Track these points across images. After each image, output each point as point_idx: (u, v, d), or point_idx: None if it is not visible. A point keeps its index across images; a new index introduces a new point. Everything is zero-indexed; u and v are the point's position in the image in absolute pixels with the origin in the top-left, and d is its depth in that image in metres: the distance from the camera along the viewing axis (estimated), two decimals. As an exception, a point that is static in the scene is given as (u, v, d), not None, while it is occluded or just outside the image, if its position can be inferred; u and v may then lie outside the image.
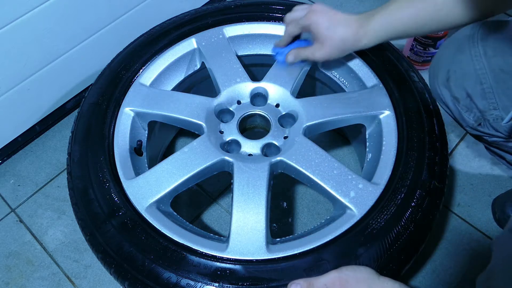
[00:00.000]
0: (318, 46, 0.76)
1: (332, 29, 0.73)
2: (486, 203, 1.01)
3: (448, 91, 0.75)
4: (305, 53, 0.78)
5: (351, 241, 0.68)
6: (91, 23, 1.06)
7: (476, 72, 0.71)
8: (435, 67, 0.78)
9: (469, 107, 0.74)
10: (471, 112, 0.75)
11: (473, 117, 0.75)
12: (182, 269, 0.66)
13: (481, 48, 0.72)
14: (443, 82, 0.76)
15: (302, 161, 0.76)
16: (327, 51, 0.75)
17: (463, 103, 0.74)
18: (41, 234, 1.02)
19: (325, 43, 0.74)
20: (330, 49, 0.75)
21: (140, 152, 0.85)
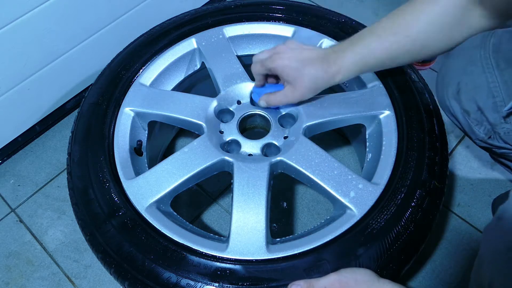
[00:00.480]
0: (289, 89, 0.75)
1: (301, 70, 0.71)
2: (486, 203, 1.01)
3: (458, 104, 0.73)
4: (277, 98, 0.77)
5: (351, 241, 0.68)
6: (91, 23, 1.06)
7: (488, 85, 0.69)
8: (444, 78, 0.76)
9: (480, 120, 0.72)
10: (481, 126, 0.73)
11: (483, 130, 0.73)
12: (182, 269, 0.66)
13: (493, 60, 0.70)
14: (453, 95, 0.74)
15: (302, 161, 0.76)
16: (299, 93, 0.74)
17: (473, 116, 0.72)
18: (41, 234, 1.02)
19: (296, 85, 0.73)
20: (302, 90, 0.74)
21: (140, 152, 0.85)
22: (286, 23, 0.94)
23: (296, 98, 0.75)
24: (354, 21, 0.94)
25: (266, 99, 0.79)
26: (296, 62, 0.71)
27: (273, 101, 0.78)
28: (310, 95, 0.75)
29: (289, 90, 0.75)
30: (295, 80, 0.72)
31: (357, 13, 1.36)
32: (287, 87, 0.75)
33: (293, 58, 0.71)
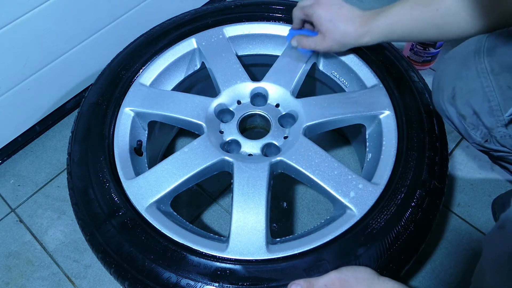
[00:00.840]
0: (320, 37, 0.79)
1: (335, 23, 0.75)
2: (486, 203, 1.01)
3: (454, 108, 0.74)
4: (308, 43, 0.81)
5: (351, 241, 0.68)
6: (91, 23, 1.06)
7: (483, 90, 0.69)
8: (439, 82, 0.76)
9: (476, 124, 0.72)
10: (477, 130, 0.73)
11: (480, 134, 0.73)
12: (182, 269, 0.66)
13: (488, 64, 0.70)
14: (449, 99, 0.74)
15: (302, 161, 0.76)
16: (328, 43, 0.78)
17: (469, 121, 0.73)
18: (41, 234, 1.02)
19: (327, 36, 0.77)
20: (331, 42, 0.78)
21: (140, 152, 0.85)
22: (286, 23, 0.94)
23: (324, 47, 0.79)
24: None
25: (298, 40, 0.82)
26: (332, 15, 0.75)
27: (303, 43, 0.82)
28: (337, 49, 0.80)
29: (320, 38, 0.79)
30: (327, 31, 0.77)
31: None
32: (319, 36, 0.79)
33: (330, 11, 0.75)
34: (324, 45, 0.79)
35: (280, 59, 0.89)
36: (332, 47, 0.79)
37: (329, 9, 0.76)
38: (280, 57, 0.90)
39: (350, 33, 0.76)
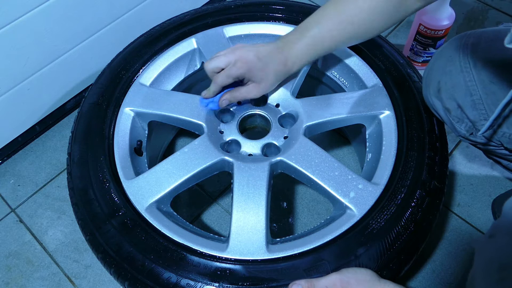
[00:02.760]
0: (253, 85, 0.77)
1: (265, 68, 0.74)
2: (486, 203, 1.01)
3: (439, 102, 0.76)
4: (242, 95, 0.78)
5: (351, 241, 0.68)
6: (91, 23, 1.06)
7: (466, 84, 0.72)
8: (427, 77, 0.79)
9: (461, 117, 0.75)
10: (462, 123, 0.75)
11: (465, 127, 0.76)
12: (182, 269, 0.66)
13: (471, 59, 0.72)
14: (435, 93, 0.76)
15: (302, 161, 0.76)
16: (263, 89, 0.77)
17: (454, 114, 0.75)
18: (41, 234, 1.02)
19: (261, 83, 0.76)
20: (266, 86, 0.77)
21: (140, 152, 0.85)
22: (286, 23, 0.94)
23: (260, 93, 0.78)
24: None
25: (230, 97, 0.79)
26: (260, 62, 0.73)
27: (237, 97, 0.79)
28: (272, 89, 0.80)
29: (253, 87, 0.77)
30: (261, 79, 0.75)
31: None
32: (252, 85, 0.77)
33: (256, 60, 0.73)
34: (260, 91, 0.77)
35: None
36: (268, 90, 0.79)
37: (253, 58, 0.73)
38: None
39: (281, 69, 0.75)
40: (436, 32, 1.12)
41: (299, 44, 0.73)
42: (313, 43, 0.73)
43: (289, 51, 0.74)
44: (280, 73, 0.76)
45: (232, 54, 0.74)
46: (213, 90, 0.79)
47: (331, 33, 0.72)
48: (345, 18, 0.70)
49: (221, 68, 0.75)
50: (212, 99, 0.81)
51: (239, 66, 0.73)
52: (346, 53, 0.89)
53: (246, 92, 0.77)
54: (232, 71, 0.74)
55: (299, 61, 0.75)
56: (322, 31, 0.72)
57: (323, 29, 0.72)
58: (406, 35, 1.30)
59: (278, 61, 0.74)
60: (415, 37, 1.17)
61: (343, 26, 0.71)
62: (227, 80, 0.76)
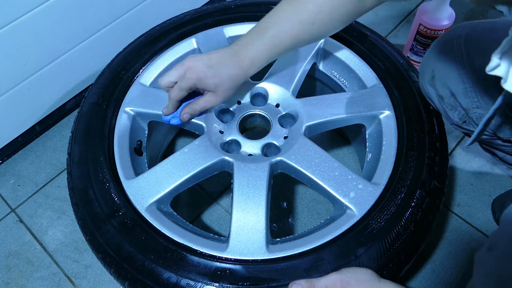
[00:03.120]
0: (210, 94, 0.74)
1: (219, 75, 0.71)
2: (486, 203, 1.01)
3: (433, 89, 0.77)
4: (200, 106, 0.76)
5: (351, 241, 0.68)
6: (91, 23, 1.06)
7: (458, 72, 0.72)
8: (423, 65, 0.80)
9: (454, 105, 0.75)
10: (455, 110, 0.76)
11: (458, 115, 0.76)
12: (182, 269, 0.66)
13: (464, 48, 0.73)
14: (429, 81, 0.77)
15: (302, 161, 0.76)
16: (221, 96, 0.74)
17: (447, 101, 0.75)
18: (41, 234, 1.02)
19: (217, 90, 0.73)
20: (224, 92, 0.74)
21: (140, 152, 0.85)
22: (286, 23, 0.94)
23: (219, 101, 0.75)
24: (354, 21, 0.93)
25: (191, 110, 0.76)
26: (211, 69, 0.70)
27: (198, 108, 0.76)
28: (232, 94, 0.76)
29: (211, 96, 0.74)
30: (216, 86, 0.72)
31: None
32: (208, 94, 0.74)
33: (205, 68, 0.70)
34: (218, 99, 0.74)
35: (280, 59, 0.89)
36: (227, 95, 0.75)
37: (203, 66, 0.70)
38: (280, 57, 0.90)
39: (237, 73, 0.72)
40: (436, 32, 1.12)
41: (257, 45, 0.70)
42: (272, 43, 0.70)
43: (246, 53, 0.71)
44: (237, 77, 0.72)
45: (181, 66, 0.72)
46: (171, 106, 0.77)
47: (291, 32, 0.69)
48: (305, 18, 0.68)
49: (174, 83, 0.73)
50: (174, 115, 0.78)
51: (188, 77, 0.71)
52: (346, 53, 0.89)
53: (204, 103, 0.75)
54: (183, 83, 0.72)
55: (258, 62, 0.72)
56: (281, 31, 0.69)
57: (282, 29, 0.69)
58: (406, 35, 1.30)
59: (232, 65, 0.71)
60: (415, 37, 1.17)
61: (303, 26, 0.69)
62: (181, 94, 0.73)
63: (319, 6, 0.67)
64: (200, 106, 0.76)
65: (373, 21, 1.35)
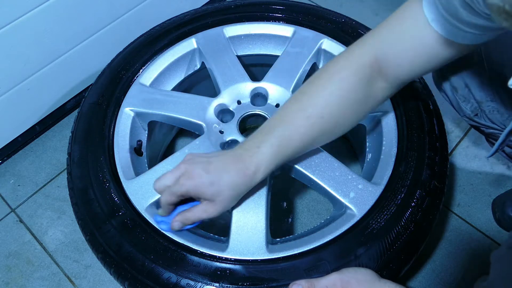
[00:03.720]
0: (208, 204, 0.63)
1: (217, 182, 0.60)
2: (486, 203, 1.01)
3: (447, 81, 0.76)
4: (195, 216, 0.64)
5: (351, 241, 0.68)
6: (91, 23, 1.06)
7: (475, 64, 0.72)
8: None
9: (467, 97, 0.74)
10: (468, 102, 0.75)
11: (470, 108, 0.75)
12: (182, 269, 0.66)
13: None
14: (443, 72, 0.77)
15: (302, 161, 0.76)
16: (220, 206, 0.63)
17: (461, 93, 0.75)
18: (41, 234, 1.02)
19: (215, 200, 0.62)
20: (223, 202, 0.62)
21: (140, 152, 0.85)
22: (286, 23, 0.94)
23: (218, 211, 0.63)
24: (354, 21, 0.94)
25: (183, 219, 0.65)
26: (209, 176, 0.60)
27: (191, 218, 0.64)
28: (233, 204, 0.65)
29: (209, 205, 0.63)
30: (213, 195, 0.61)
31: (357, 13, 1.36)
32: (205, 202, 0.63)
33: (203, 173, 0.60)
34: (217, 209, 0.63)
35: (280, 59, 0.89)
36: (226, 207, 0.64)
37: (200, 172, 0.60)
38: (280, 57, 0.90)
39: (240, 181, 0.61)
40: None
41: (263, 148, 0.61)
42: (279, 144, 0.61)
43: (251, 158, 0.61)
44: (239, 186, 0.62)
45: (177, 170, 0.62)
46: (162, 210, 0.67)
47: (299, 130, 0.62)
48: (312, 113, 0.61)
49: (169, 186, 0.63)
50: (165, 219, 0.69)
51: (182, 183, 0.61)
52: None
53: (200, 212, 0.63)
54: (175, 188, 0.61)
55: (264, 168, 0.62)
56: (288, 130, 0.62)
57: (289, 127, 0.62)
58: (406, 35, 1.30)
59: (234, 171, 0.61)
60: None
61: (311, 121, 0.61)
62: (171, 199, 0.63)
63: (326, 99, 0.61)
64: (195, 216, 0.64)
65: (373, 21, 1.35)
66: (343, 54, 0.63)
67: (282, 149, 0.62)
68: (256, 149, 0.62)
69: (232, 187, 0.62)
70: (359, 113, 0.64)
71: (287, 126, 0.62)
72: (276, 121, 0.63)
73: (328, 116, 0.62)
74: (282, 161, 0.63)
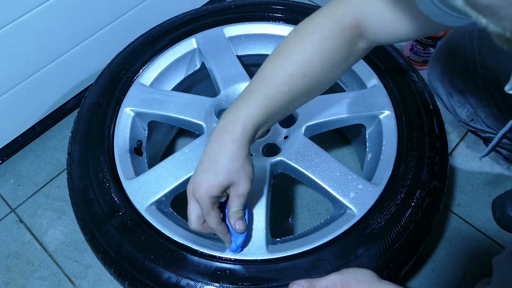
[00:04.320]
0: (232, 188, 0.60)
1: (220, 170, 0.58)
2: (486, 203, 1.01)
3: (442, 86, 0.76)
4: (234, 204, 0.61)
5: (351, 241, 0.68)
6: (91, 23, 1.06)
7: (469, 69, 0.72)
8: (433, 61, 0.79)
9: (462, 102, 0.74)
10: (464, 108, 0.75)
11: (466, 113, 0.75)
12: (182, 269, 0.66)
13: (477, 45, 0.72)
14: (439, 77, 0.77)
15: (302, 161, 0.76)
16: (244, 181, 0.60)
17: (456, 98, 0.75)
18: (41, 234, 1.02)
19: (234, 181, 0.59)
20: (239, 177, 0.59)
21: (140, 152, 0.85)
22: (286, 23, 0.94)
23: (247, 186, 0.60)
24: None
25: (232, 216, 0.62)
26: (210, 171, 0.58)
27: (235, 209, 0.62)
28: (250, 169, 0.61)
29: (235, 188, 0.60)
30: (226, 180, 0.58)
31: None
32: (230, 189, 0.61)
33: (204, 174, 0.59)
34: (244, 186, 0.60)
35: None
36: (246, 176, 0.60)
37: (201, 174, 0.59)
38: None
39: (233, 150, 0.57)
40: None
41: (244, 109, 0.58)
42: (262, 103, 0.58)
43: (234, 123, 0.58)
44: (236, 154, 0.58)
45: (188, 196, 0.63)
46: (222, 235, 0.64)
47: (282, 88, 0.59)
48: (295, 71, 0.59)
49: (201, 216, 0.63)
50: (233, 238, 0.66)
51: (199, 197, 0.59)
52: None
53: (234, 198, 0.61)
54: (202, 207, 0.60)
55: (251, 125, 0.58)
56: (270, 89, 0.59)
57: (271, 87, 0.59)
58: (406, 35, 1.30)
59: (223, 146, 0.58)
60: None
61: (294, 80, 0.59)
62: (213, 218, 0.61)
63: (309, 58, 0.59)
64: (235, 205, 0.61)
65: (373, 21, 1.35)
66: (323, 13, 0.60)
67: (266, 108, 0.59)
68: (237, 112, 0.58)
69: (232, 160, 0.58)
70: (340, 72, 0.63)
71: (269, 86, 0.59)
72: (257, 83, 0.60)
73: (311, 74, 0.59)
74: (267, 120, 0.60)
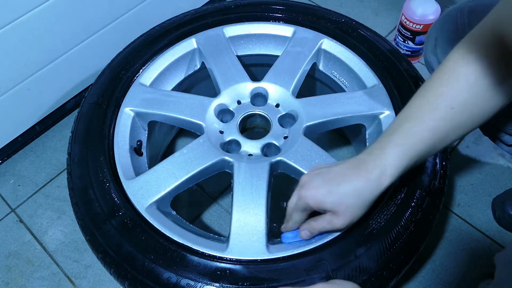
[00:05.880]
0: (332, 215, 0.61)
1: (336, 192, 0.58)
2: (486, 203, 1.01)
3: (435, 57, 0.78)
4: (320, 225, 0.63)
5: (351, 241, 0.68)
6: (91, 23, 1.06)
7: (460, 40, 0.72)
8: (427, 35, 0.82)
9: None
10: None
11: None
12: (182, 269, 0.66)
13: (467, 18, 0.74)
14: (431, 49, 0.78)
15: (302, 161, 0.76)
16: (345, 217, 0.60)
17: None
18: (41, 234, 1.02)
19: (338, 210, 0.59)
20: (347, 212, 0.59)
21: (140, 152, 0.85)
22: (286, 23, 0.94)
23: (343, 223, 0.61)
24: (354, 21, 0.94)
25: (308, 227, 0.65)
26: (326, 185, 0.59)
27: (316, 228, 0.64)
28: (360, 214, 0.61)
29: (333, 217, 0.60)
30: (334, 205, 0.59)
31: (357, 13, 1.36)
32: (329, 213, 0.61)
33: (321, 184, 0.59)
34: (342, 222, 0.60)
35: (280, 59, 0.89)
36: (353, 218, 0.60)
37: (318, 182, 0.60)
38: (280, 57, 0.90)
39: (362, 187, 0.58)
40: (415, 25, 1.12)
41: (387, 149, 0.57)
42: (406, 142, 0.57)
43: (374, 161, 0.57)
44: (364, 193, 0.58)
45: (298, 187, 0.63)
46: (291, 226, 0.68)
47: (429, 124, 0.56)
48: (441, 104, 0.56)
49: None
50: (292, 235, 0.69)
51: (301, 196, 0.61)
52: (346, 53, 0.89)
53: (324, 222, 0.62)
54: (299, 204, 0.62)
55: (392, 169, 0.57)
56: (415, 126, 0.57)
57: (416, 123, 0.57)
58: (406, 35, 1.30)
59: (354, 177, 0.58)
60: (398, 27, 1.17)
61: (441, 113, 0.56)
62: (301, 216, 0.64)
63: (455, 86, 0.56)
64: (319, 226, 0.63)
65: (373, 21, 1.35)
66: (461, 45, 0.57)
67: (411, 147, 0.57)
68: (379, 150, 0.58)
69: (354, 194, 0.58)
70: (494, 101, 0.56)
71: (413, 122, 0.57)
72: (401, 119, 0.59)
73: (459, 106, 0.55)
74: (413, 160, 0.58)
